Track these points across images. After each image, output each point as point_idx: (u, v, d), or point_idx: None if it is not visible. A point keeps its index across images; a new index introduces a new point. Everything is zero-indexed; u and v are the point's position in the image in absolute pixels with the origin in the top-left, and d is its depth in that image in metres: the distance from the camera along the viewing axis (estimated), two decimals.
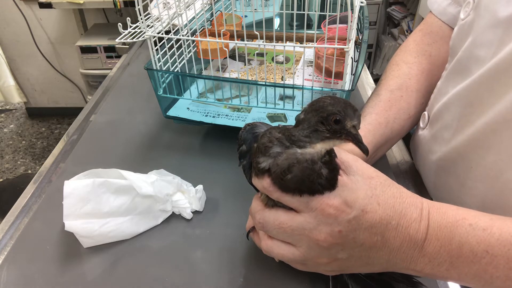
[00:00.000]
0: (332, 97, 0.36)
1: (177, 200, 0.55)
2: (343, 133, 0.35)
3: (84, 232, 0.50)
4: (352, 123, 0.35)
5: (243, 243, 0.51)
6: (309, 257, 0.38)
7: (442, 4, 0.62)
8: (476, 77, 0.47)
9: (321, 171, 0.36)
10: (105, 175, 0.53)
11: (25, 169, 2.32)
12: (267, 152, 0.37)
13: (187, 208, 0.55)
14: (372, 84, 0.91)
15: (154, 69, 0.66)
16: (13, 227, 0.55)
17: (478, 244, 0.36)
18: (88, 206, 0.50)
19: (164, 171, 0.58)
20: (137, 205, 0.53)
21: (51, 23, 2.43)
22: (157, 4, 0.62)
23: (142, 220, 0.53)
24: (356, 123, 0.35)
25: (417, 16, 2.16)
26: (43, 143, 2.54)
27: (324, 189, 0.36)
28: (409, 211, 0.37)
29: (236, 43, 0.77)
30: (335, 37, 0.58)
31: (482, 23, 0.48)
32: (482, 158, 0.48)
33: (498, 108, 0.44)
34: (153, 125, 0.75)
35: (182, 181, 0.57)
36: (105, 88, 0.89)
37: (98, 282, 0.48)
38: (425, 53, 0.64)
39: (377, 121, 0.57)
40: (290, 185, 0.36)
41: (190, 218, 0.55)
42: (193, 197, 0.56)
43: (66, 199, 0.49)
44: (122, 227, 0.52)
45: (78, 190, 0.50)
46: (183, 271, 0.49)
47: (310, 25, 0.93)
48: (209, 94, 0.72)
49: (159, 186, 0.53)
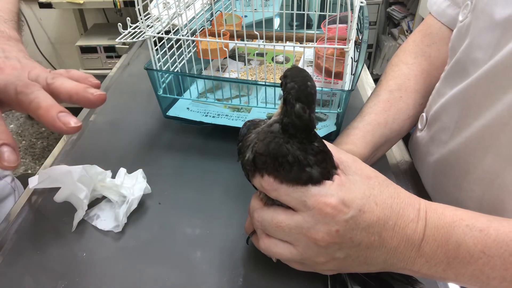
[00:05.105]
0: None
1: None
2: (284, 90, 0.35)
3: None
4: (294, 82, 0.34)
5: (243, 243, 0.51)
6: (306, 256, 0.38)
7: (442, 6, 0.63)
8: (473, 79, 0.47)
9: (289, 140, 0.36)
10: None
11: (25, 169, 2.33)
12: (247, 142, 0.39)
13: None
14: (372, 84, 0.91)
15: (154, 69, 0.66)
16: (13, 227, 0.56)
17: (475, 245, 0.36)
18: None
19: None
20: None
21: (51, 23, 2.43)
22: (157, 4, 0.63)
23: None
24: (299, 83, 0.34)
25: (417, 16, 2.16)
26: (43, 143, 2.54)
27: (312, 168, 0.36)
28: (406, 211, 0.37)
29: (236, 43, 0.78)
30: (335, 37, 0.58)
31: (479, 25, 0.48)
32: (479, 161, 0.48)
33: (495, 111, 0.44)
34: (153, 125, 0.75)
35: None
36: (105, 88, 0.90)
37: (97, 282, 0.48)
38: (425, 54, 0.64)
39: (376, 121, 0.57)
40: (263, 161, 0.37)
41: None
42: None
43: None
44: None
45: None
46: (183, 271, 0.49)
47: (310, 25, 0.93)
48: (209, 94, 0.73)
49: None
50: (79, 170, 0.54)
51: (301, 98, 0.34)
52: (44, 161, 0.70)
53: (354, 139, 0.55)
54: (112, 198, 0.56)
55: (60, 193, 0.54)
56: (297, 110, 0.34)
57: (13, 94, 0.41)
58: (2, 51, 0.47)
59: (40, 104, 0.40)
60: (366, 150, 0.55)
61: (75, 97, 0.42)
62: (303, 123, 0.35)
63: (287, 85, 0.35)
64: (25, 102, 0.40)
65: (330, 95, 0.70)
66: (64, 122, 0.39)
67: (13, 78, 0.43)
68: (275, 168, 0.37)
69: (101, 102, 0.43)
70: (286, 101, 0.35)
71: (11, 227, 0.55)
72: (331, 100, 0.70)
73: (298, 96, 0.34)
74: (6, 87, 0.42)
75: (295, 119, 0.34)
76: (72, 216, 0.54)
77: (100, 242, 0.53)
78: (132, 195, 0.55)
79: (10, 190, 0.76)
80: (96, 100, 0.43)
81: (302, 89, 0.34)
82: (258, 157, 0.37)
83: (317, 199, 0.36)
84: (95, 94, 0.43)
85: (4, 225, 0.55)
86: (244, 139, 0.41)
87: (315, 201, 0.36)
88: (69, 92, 0.42)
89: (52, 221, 0.56)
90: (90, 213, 0.56)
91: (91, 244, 0.52)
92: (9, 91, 0.42)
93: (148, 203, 0.58)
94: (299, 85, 0.34)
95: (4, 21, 0.56)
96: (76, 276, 0.48)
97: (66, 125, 0.39)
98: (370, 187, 0.38)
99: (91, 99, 0.43)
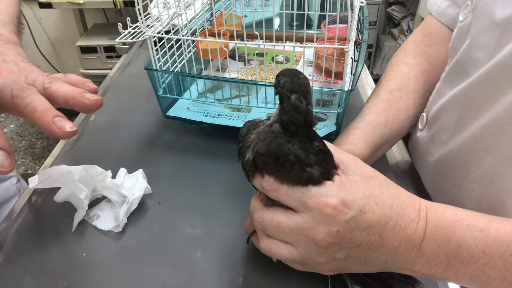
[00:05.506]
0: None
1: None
2: (278, 86, 0.35)
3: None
4: (286, 80, 0.35)
5: (243, 243, 0.51)
6: (307, 257, 0.38)
7: (442, 6, 0.62)
8: (474, 79, 0.47)
9: (290, 140, 0.36)
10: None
11: (25, 169, 2.33)
12: (247, 142, 0.39)
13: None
14: (372, 84, 0.91)
15: (154, 69, 0.66)
16: (13, 227, 0.56)
17: (475, 245, 0.36)
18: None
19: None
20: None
21: (51, 23, 2.43)
22: (157, 4, 0.63)
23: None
24: (292, 79, 0.35)
25: (417, 16, 2.16)
26: (43, 143, 2.54)
27: (313, 168, 0.36)
28: (407, 211, 0.37)
29: (236, 43, 0.78)
30: (335, 37, 0.58)
31: (480, 25, 0.48)
32: (479, 161, 0.48)
33: (495, 111, 0.44)
34: (153, 125, 0.75)
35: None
36: (105, 88, 0.90)
37: (97, 282, 0.48)
38: (425, 54, 0.64)
39: (376, 121, 0.57)
40: (264, 161, 0.37)
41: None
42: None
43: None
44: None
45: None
46: (183, 271, 0.49)
47: (310, 25, 0.93)
48: (209, 94, 0.73)
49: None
50: (80, 170, 0.54)
51: (295, 89, 0.34)
52: (44, 161, 0.70)
53: (354, 139, 0.55)
54: (112, 198, 0.56)
55: (60, 193, 0.54)
56: (293, 101, 0.34)
57: (9, 97, 0.41)
58: (0, 54, 0.47)
59: (35, 108, 0.40)
60: (366, 150, 0.55)
61: (71, 101, 0.42)
62: (301, 114, 0.34)
63: (280, 81, 0.35)
64: (21, 106, 0.40)
65: (330, 95, 0.70)
66: (59, 127, 0.39)
67: (9, 81, 0.43)
68: (276, 168, 0.37)
69: (97, 107, 0.43)
70: (282, 96, 0.35)
71: (11, 227, 0.55)
72: (331, 100, 0.70)
73: (292, 87, 0.34)
74: (2, 91, 0.42)
75: (292, 111, 0.34)
76: (72, 216, 0.54)
77: (100, 242, 0.53)
78: (132, 195, 0.55)
79: (15, 191, 0.76)
80: (92, 105, 0.43)
81: (294, 80, 0.34)
82: (259, 157, 0.37)
83: (317, 199, 0.36)
84: (91, 99, 0.43)
85: (4, 225, 0.55)
86: (244, 140, 0.41)
87: (315, 201, 0.36)
88: (66, 97, 0.42)
89: (52, 221, 0.56)
90: (90, 213, 0.56)
91: (91, 244, 0.52)
92: (5, 94, 0.42)
93: (148, 203, 0.58)
94: (291, 78, 0.35)
95: (3, 24, 0.56)
96: (76, 276, 0.48)
97: (61, 129, 0.39)
98: (370, 187, 0.38)
99: (87, 104, 0.43)
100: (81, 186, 0.53)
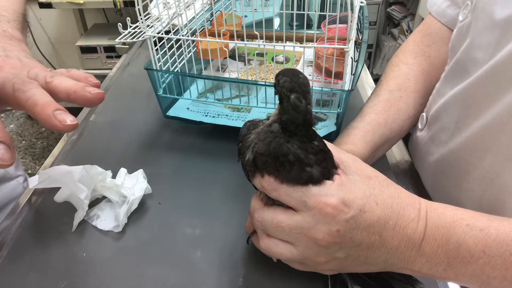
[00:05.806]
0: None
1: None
2: (277, 86, 0.35)
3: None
4: (285, 79, 0.35)
5: (243, 243, 0.51)
6: (307, 256, 0.38)
7: (442, 6, 0.63)
8: (474, 79, 0.47)
9: (289, 139, 0.36)
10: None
11: (25, 169, 2.33)
12: (247, 142, 0.39)
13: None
14: (372, 84, 0.91)
15: (154, 69, 0.66)
16: (13, 227, 0.56)
17: (475, 245, 0.36)
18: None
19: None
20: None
21: (51, 23, 2.43)
22: (157, 4, 0.63)
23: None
24: (291, 79, 0.35)
25: (417, 16, 2.16)
26: (43, 143, 2.55)
27: (312, 168, 0.36)
28: (407, 211, 0.37)
29: (236, 43, 0.78)
30: (335, 37, 0.58)
31: (480, 25, 0.48)
32: (479, 161, 0.48)
33: (495, 111, 0.44)
34: (153, 125, 0.75)
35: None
36: (105, 88, 0.90)
37: (97, 282, 0.48)
38: (425, 54, 0.64)
39: (376, 121, 0.57)
40: (263, 161, 0.37)
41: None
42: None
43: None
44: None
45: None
46: (183, 271, 0.49)
47: (310, 25, 0.93)
48: (209, 94, 0.73)
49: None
50: (80, 170, 0.54)
51: (295, 89, 0.34)
52: (44, 161, 0.70)
53: (354, 139, 0.55)
54: (113, 198, 0.56)
55: (60, 193, 0.54)
56: (292, 100, 0.34)
57: (11, 91, 0.41)
58: (3, 50, 0.47)
59: (36, 101, 0.40)
60: (366, 150, 0.55)
61: (73, 95, 0.42)
62: (301, 114, 0.34)
63: (279, 81, 0.35)
64: (22, 100, 0.40)
65: (330, 95, 0.70)
66: (60, 120, 0.39)
67: (11, 75, 0.43)
68: (276, 168, 0.37)
69: (99, 101, 0.43)
70: (281, 96, 0.35)
71: (11, 227, 0.55)
72: (331, 100, 0.70)
73: (291, 87, 0.34)
74: (4, 85, 0.42)
75: (292, 111, 0.34)
76: (72, 216, 0.54)
77: (100, 242, 0.53)
78: (132, 195, 0.55)
79: (22, 190, 0.76)
80: (94, 98, 0.43)
81: (294, 80, 0.34)
82: (258, 157, 0.37)
83: (317, 199, 0.36)
84: (93, 93, 0.43)
85: (4, 225, 0.55)
86: (244, 140, 0.41)
87: (315, 201, 0.36)
88: (68, 91, 0.42)
89: (52, 221, 0.56)
90: (90, 213, 0.56)
91: (91, 244, 0.52)
92: (7, 88, 0.42)
93: (148, 203, 0.58)
94: (291, 77, 0.35)
95: (8, 21, 0.56)
96: (76, 276, 0.48)
97: (62, 122, 0.39)
98: (370, 187, 0.38)
99: (89, 98, 0.43)
100: (81, 186, 0.53)
